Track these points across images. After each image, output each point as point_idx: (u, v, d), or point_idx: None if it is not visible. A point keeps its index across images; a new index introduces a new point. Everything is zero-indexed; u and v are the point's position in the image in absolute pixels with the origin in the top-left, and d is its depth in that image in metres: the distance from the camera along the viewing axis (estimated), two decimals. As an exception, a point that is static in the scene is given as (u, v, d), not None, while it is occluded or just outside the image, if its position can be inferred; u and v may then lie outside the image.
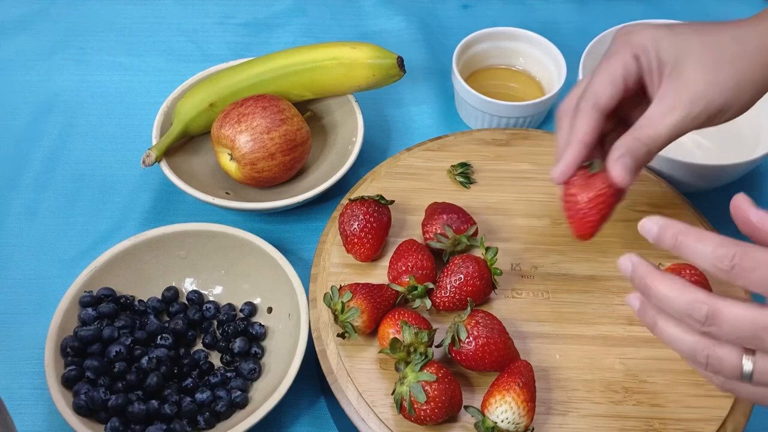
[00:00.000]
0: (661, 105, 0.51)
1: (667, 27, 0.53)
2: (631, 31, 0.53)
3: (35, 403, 0.63)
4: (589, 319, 0.60)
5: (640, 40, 0.52)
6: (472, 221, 0.62)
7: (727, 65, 0.50)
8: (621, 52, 0.53)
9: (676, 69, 0.51)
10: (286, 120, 0.71)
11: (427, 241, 0.62)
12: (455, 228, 0.61)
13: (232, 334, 0.64)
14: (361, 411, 0.55)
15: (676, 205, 0.67)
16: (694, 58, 0.50)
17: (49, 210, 0.75)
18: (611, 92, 0.53)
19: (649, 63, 0.52)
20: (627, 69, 0.52)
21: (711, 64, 0.50)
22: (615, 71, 0.53)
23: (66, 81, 0.86)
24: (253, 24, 0.94)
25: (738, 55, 0.50)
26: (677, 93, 0.51)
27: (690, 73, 0.50)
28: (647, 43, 0.52)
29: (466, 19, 0.96)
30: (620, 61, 0.53)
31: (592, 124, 0.53)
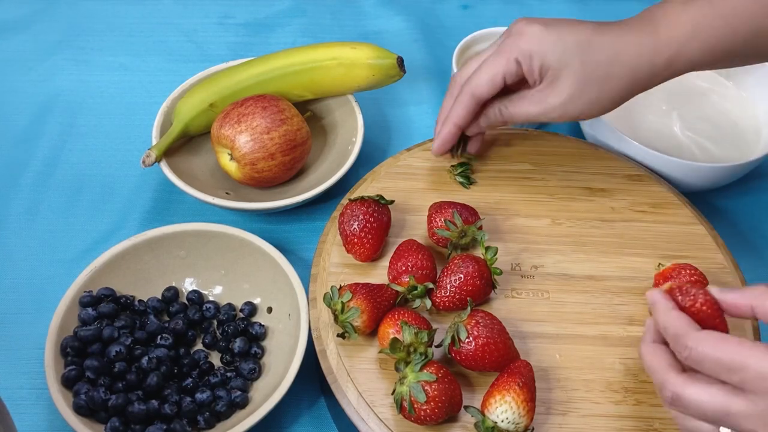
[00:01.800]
0: (533, 97, 0.61)
1: (557, 34, 0.58)
2: (523, 33, 0.59)
3: (35, 403, 0.63)
4: (589, 319, 0.60)
5: (528, 46, 0.59)
6: (478, 216, 0.63)
7: (594, 85, 0.59)
8: (506, 54, 0.60)
9: (554, 77, 0.59)
10: (286, 120, 0.71)
11: (433, 229, 0.62)
12: (464, 219, 0.61)
13: (232, 334, 0.64)
14: (361, 411, 0.55)
15: (676, 205, 0.67)
16: (569, 73, 0.58)
17: (49, 210, 0.75)
18: (489, 89, 0.61)
19: (531, 67, 0.59)
20: (508, 70, 0.60)
21: (580, 82, 0.58)
22: (497, 71, 0.60)
23: (66, 81, 0.86)
24: (253, 24, 0.94)
25: (607, 77, 0.58)
26: (547, 94, 0.60)
27: (561, 85, 0.59)
28: (534, 50, 0.59)
29: (466, 19, 0.96)
30: (503, 62, 0.60)
31: (467, 110, 0.63)
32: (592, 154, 0.72)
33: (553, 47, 0.58)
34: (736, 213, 0.77)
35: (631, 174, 0.70)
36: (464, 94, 0.62)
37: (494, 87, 0.61)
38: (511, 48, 0.59)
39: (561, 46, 0.58)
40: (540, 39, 0.58)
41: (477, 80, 0.61)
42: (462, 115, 0.63)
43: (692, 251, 0.64)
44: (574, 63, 0.58)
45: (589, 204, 0.67)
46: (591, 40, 0.58)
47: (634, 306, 0.59)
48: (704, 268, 0.59)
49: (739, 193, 0.78)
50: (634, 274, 0.63)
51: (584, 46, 0.58)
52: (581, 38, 0.58)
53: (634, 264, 0.63)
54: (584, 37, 0.58)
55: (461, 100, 0.62)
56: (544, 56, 0.58)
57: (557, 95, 0.59)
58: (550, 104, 0.60)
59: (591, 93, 0.59)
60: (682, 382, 0.45)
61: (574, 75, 0.58)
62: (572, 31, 0.59)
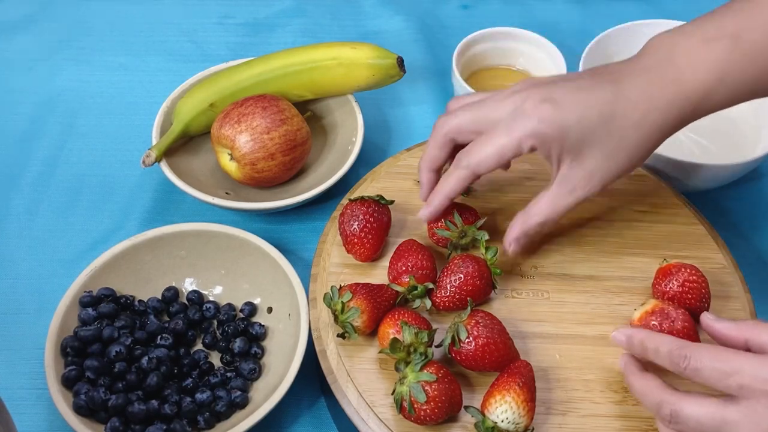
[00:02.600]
0: (563, 187, 0.56)
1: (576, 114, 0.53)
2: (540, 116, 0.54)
3: (35, 403, 0.63)
4: (589, 319, 0.60)
5: (546, 131, 0.54)
6: (478, 216, 0.62)
7: (625, 152, 0.55)
8: (518, 135, 0.54)
9: (579, 156, 0.55)
10: (286, 120, 0.71)
11: (433, 229, 0.62)
12: (464, 219, 0.61)
13: (232, 334, 0.64)
14: (361, 411, 0.55)
15: (676, 205, 0.67)
16: (596, 148, 0.54)
17: (49, 210, 0.75)
18: (492, 167, 0.56)
19: (548, 152, 0.55)
20: (517, 153, 0.55)
21: (611, 154, 0.55)
22: (505, 152, 0.55)
23: (66, 81, 0.86)
24: (253, 24, 0.94)
25: (637, 142, 0.54)
26: (578, 178, 0.55)
27: (591, 161, 0.55)
28: (553, 136, 0.54)
29: (466, 19, 0.96)
30: (514, 144, 0.55)
31: (464, 186, 0.58)
32: (592, 154, 0.71)
33: (574, 126, 0.53)
34: (736, 213, 0.77)
35: (631, 174, 0.70)
36: (464, 169, 0.57)
37: (499, 166, 0.56)
38: (524, 130, 0.54)
39: (583, 124, 0.53)
40: (558, 123, 0.53)
41: (482, 157, 0.56)
42: (458, 190, 0.58)
43: (692, 251, 0.64)
44: (600, 139, 0.54)
45: (589, 204, 0.67)
46: (614, 109, 0.54)
47: (634, 306, 0.58)
48: (704, 268, 0.59)
49: (739, 193, 0.78)
50: (634, 274, 0.63)
51: (607, 118, 0.54)
52: (603, 110, 0.54)
53: (634, 264, 0.63)
54: (606, 109, 0.54)
55: (461, 176, 0.57)
56: (564, 138, 0.54)
57: (588, 177, 0.55)
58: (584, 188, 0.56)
59: (622, 162, 0.55)
60: (678, 398, 0.46)
61: (602, 151, 0.54)
62: (591, 103, 0.54)
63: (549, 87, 0.55)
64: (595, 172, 0.55)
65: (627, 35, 0.81)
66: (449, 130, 0.58)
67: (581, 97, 0.54)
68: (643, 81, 0.54)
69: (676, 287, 0.57)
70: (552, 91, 0.55)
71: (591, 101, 0.54)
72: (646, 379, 0.49)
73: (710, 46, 0.54)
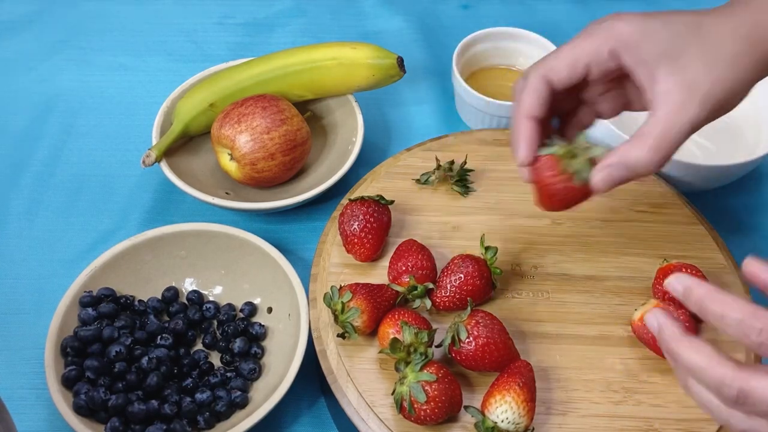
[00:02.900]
0: (669, 103, 0.47)
1: (660, 19, 0.48)
2: (620, 17, 0.48)
3: (35, 403, 0.63)
4: (589, 319, 0.60)
5: (628, 31, 0.47)
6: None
7: (728, 65, 0.47)
8: (596, 39, 0.48)
9: (677, 65, 0.47)
10: (286, 120, 0.71)
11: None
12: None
13: (232, 334, 0.64)
14: (361, 411, 0.55)
15: (676, 205, 0.67)
16: (694, 57, 0.47)
17: (49, 210, 0.75)
18: (567, 74, 0.49)
19: (638, 57, 0.48)
20: (596, 59, 0.49)
21: (712, 64, 0.47)
22: (579, 56, 0.49)
23: (66, 81, 0.86)
24: (253, 24, 0.94)
25: (736, 55, 0.47)
26: (686, 90, 0.47)
27: (693, 72, 0.47)
28: (637, 37, 0.47)
29: (466, 19, 0.96)
30: (591, 47, 0.48)
31: (539, 97, 0.50)
32: (592, 154, 0.72)
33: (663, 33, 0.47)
34: (736, 213, 0.77)
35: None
36: (531, 81, 0.50)
37: (574, 74, 0.49)
38: (607, 32, 0.48)
39: (670, 30, 0.47)
40: (644, 26, 0.47)
41: (553, 62, 0.49)
42: (533, 103, 0.50)
43: (692, 251, 0.64)
44: (693, 43, 0.47)
45: (589, 204, 0.67)
46: (701, 21, 0.48)
47: (634, 306, 0.58)
48: (704, 268, 0.59)
49: (739, 193, 0.78)
50: (634, 274, 0.63)
51: (697, 26, 0.48)
52: (689, 20, 0.48)
53: (634, 264, 0.63)
54: (692, 20, 0.48)
55: (528, 88, 0.50)
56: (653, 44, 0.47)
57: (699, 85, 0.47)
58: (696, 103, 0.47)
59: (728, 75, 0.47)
60: (748, 375, 0.38)
61: (700, 57, 0.47)
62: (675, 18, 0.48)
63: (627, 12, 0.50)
64: (702, 79, 0.46)
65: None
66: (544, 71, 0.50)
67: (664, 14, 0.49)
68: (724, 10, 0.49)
69: (676, 287, 0.57)
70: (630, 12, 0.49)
71: (675, 17, 0.49)
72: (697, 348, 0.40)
73: None
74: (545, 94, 0.50)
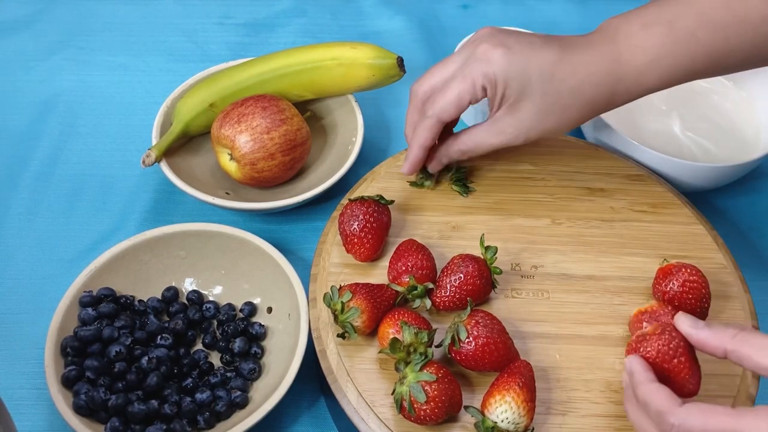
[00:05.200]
0: (493, 127, 0.62)
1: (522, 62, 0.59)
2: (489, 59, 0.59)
3: (35, 403, 0.63)
4: (589, 319, 0.60)
5: (494, 72, 0.59)
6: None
7: (554, 115, 0.60)
8: (472, 79, 0.60)
9: (515, 105, 0.60)
10: (286, 120, 0.71)
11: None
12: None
13: (232, 334, 0.64)
14: (361, 411, 0.55)
15: (676, 205, 0.67)
16: (531, 102, 0.59)
17: (49, 210, 0.75)
18: (454, 113, 0.61)
19: (495, 94, 0.60)
20: (473, 95, 0.60)
21: (541, 112, 0.60)
22: (463, 96, 0.60)
23: (66, 81, 0.86)
24: (253, 24, 0.94)
25: (567, 107, 0.60)
26: (508, 124, 0.61)
27: (523, 113, 0.60)
28: (499, 77, 0.59)
29: (466, 19, 0.96)
30: (469, 87, 0.60)
31: (433, 134, 0.63)
32: (592, 154, 0.72)
33: (518, 76, 0.59)
34: (736, 213, 0.77)
35: (631, 174, 0.70)
36: (430, 118, 0.62)
37: (460, 110, 0.61)
38: (477, 73, 0.59)
39: (525, 76, 0.58)
40: (506, 66, 0.58)
41: (443, 104, 0.61)
42: (429, 137, 0.63)
43: (692, 251, 0.64)
44: (536, 94, 0.59)
45: (589, 204, 0.67)
46: (554, 70, 0.59)
47: (634, 306, 0.58)
48: (704, 268, 0.59)
49: (739, 193, 0.78)
50: (634, 274, 0.63)
51: (547, 77, 0.59)
52: (544, 69, 0.59)
53: (634, 264, 0.63)
54: (548, 67, 0.59)
55: (427, 125, 0.62)
56: (507, 84, 0.59)
57: (517, 125, 0.60)
58: (510, 134, 0.61)
59: (550, 122, 0.60)
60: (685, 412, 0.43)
61: (535, 106, 0.59)
62: (536, 59, 0.59)
63: (503, 34, 0.61)
64: (523, 122, 0.60)
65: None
66: (424, 92, 0.63)
67: (530, 51, 0.59)
68: (586, 53, 0.59)
69: (676, 287, 0.57)
70: (505, 38, 0.60)
71: (537, 57, 0.59)
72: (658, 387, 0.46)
73: (648, 31, 0.59)
74: (438, 130, 0.63)
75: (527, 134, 0.61)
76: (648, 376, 0.47)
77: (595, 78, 0.59)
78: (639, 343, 0.50)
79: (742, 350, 0.45)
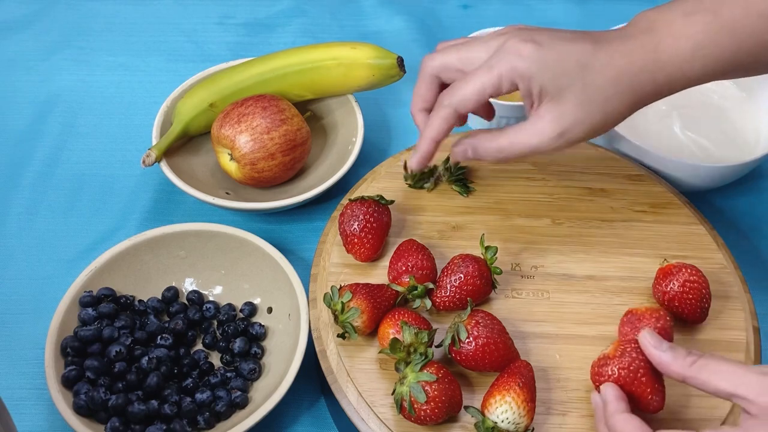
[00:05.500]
0: (535, 125, 0.56)
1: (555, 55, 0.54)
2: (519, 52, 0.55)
3: (35, 403, 0.63)
4: (589, 319, 0.60)
5: (526, 67, 0.54)
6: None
7: (599, 107, 0.55)
8: (498, 71, 0.55)
9: (555, 99, 0.55)
10: (286, 120, 0.71)
11: None
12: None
13: (232, 334, 0.64)
14: (361, 411, 0.55)
15: (676, 205, 0.67)
16: (572, 95, 0.54)
17: (49, 210, 0.75)
18: (473, 105, 0.57)
19: (529, 90, 0.55)
20: (498, 90, 0.56)
21: (585, 105, 0.55)
22: (485, 88, 0.56)
23: (66, 81, 0.86)
24: (253, 24, 0.94)
25: (610, 99, 0.55)
26: (550, 121, 0.55)
27: (565, 107, 0.55)
28: (533, 72, 0.54)
29: (466, 19, 0.96)
30: (494, 79, 0.55)
31: (449, 125, 0.58)
32: (592, 154, 0.72)
33: (553, 69, 0.54)
34: (736, 213, 0.77)
35: (631, 174, 0.70)
36: (446, 107, 0.57)
37: (479, 104, 0.57)
38: (505, 66, 0.55)
39: (561, 67, 0.54)
40: (538, 60, 0.54)
41: (463, 95, 0.56)
42: (443, 130, 0.58)
43: (692, 251, 0.64)
44: (576, 86, 0.54)
45: (589, 204, 0.67)
46: (591, 60, 0.54)
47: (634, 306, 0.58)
48: (704, 268, 0.59)
49: (739, 193, 0.78)
50: (634, 274, 0.63)
51: (585, 67, 0.54)
52: (581, 58, 0.54)
53: (634, 264, 0.63)
54: (584, 58, 0.55)
55: (443, 114, 0.57)
56: (542, 79, 0.54)
57: (559, 121, 0.55)
58: (552, 132, 0.55)
59: (595, 116, 0.55)
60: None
61: (576, 99, 0.54)
62: (571, 51, 0.55)
63: (533, 31, 0.57)
64: (566, 118, 0.55)
65: (627, 35, 0.81)
66: (435, 67, 0.59)
67: (562, 43, 0.55)
68: (622, 44, 0.55)
69: (676, 287, 0.57)
70: (535, 34, 0.56)
71: (571, 48, 0.55)
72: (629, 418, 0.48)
73: (689, 19, 0.55)
74: (454, 122, 0.58)
75: (570, 133, 0.55)
76: (619, 406, 0.49)
77: (635, 67, 0.54)
78: (601, 367, 0.51)
79: (700, 376, 0.46)
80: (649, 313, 0.55)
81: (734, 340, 0.59)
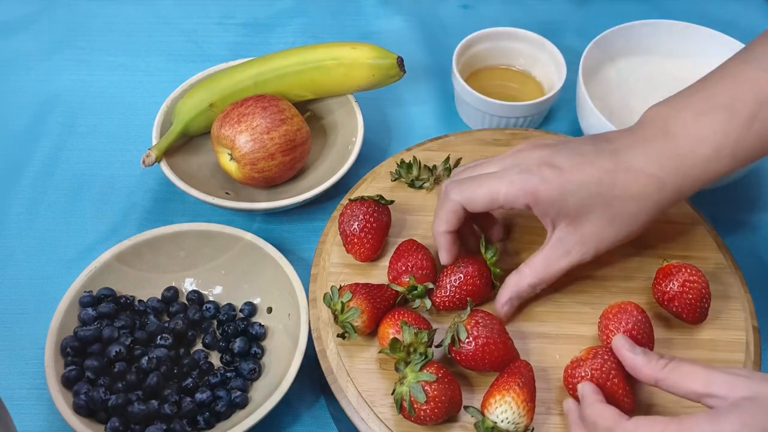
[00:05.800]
0: (557, 249, 0.56)
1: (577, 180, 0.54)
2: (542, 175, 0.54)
3: (35, 403, 0.63)
4: (589, 319, 0.60)
5: (546, 194, 0.54)
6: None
7: (625, 222, 0.55)
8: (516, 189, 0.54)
9: (575, 222, 0.55)
10: (286, 120, 0.71)
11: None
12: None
13: (232, 334, 0.64)
14: (361, 411, 0.55)
15: (676, 205, 0.67)
16: (596, 215, 0.55)
17: (49, 210, 0.75)
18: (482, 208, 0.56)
19: (545, 213, 0.55)
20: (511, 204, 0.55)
21: (611, 222, 0.55)
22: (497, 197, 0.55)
23: (66, 81, 0.86)
24: (253, 24, 0.94)
25: (636, 214, 0.55)
26: (574, 242, 0.56)
27: (588, 227, 0.55)
28: (554, 197, 0.54)
29: (466, 19, 0.96)
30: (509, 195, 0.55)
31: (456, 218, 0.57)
32: (592, 154, 0.71)
33: (576, 194, 0.54)
34: (736, 213, 0.77)
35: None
36: (451, 201, 0.56)
37: (488, 208, 0.56)
38: (528, 186, 0.54)
39: (583, 191, 0.54)
40: (559, 186, 0.54)
41: (474, 193, 0.55)
42: (449, 222, 0.57)
43: (692, 251, 0.64)
44: (599, 207, 0.54)
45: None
46: (614, 180, 0.54)
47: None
48: (704, 268, 0.59)
49: (739, 193, 0.78)
50: (634, 274, 0.63)
51: (608, 187, 0.54)
52: (604, 179, 0.54)
53: (634, 264, 0.63)
54: (607, 178, 0.54)
55: (448, 208, 0.57)
56: (563, 205, 0.54)
57: (584, 241, 0.56)
58: (578, 252, 0.56)
59: (621, 231, 0.56)
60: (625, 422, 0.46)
61: (602, 219, 0.55)
62: (592, 174, 0.54)
63: (551, 151, 0.56)
64: (590, 237, 0.56)
65: (627, 35, 0.81)
66: (462, 199, 0.56)
67: (583, 164, 0.54)
68: (642, 153, 0.55)
69: (676, 287, 0.57)
70: (554, 155, 0.55)
71: (592, 170, 0.54)
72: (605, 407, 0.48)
73: (705, 119, 0.54)
74: (461, 215, 0.57)
75: (596, 248, 0.56)
76: (596, 397, 0.49)
77: (657, 181, 0.54)
78: (574, 369, 0.52)
79: (670, 378, 0.47)
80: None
81: (734, 340, 0.59)
